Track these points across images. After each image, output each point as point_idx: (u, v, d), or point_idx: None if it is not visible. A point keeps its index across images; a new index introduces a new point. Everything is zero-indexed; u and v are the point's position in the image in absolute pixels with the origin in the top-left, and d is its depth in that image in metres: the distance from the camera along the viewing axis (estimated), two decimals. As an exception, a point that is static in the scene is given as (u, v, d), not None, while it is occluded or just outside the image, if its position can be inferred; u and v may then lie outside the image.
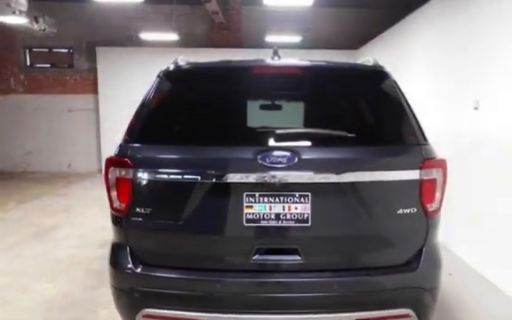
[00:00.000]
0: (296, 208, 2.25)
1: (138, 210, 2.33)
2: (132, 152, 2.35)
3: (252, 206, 2.25)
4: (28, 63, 11.46)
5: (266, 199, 2.25)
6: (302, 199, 2.25)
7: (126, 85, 10.08)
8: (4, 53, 11.16)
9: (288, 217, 2.25)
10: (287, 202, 2.25)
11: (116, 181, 2.34)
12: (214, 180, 2.25)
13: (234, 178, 2.23)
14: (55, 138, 11.37)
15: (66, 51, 11.43)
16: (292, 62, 2.83)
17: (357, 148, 2.41)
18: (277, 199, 2.25)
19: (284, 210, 2.25)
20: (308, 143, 2.43)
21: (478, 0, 4.60)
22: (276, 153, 2.24)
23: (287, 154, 2.23)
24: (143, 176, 2.32)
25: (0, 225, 6.36)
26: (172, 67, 2.68)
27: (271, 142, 2.37)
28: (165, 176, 2.32)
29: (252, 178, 2.21)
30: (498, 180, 4.09)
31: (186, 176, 2.30)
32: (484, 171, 4.39)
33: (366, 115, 2.74)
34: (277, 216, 2.25)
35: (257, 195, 2.25)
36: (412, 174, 2.31)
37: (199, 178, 2.27)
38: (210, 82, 2.69)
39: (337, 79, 2.74)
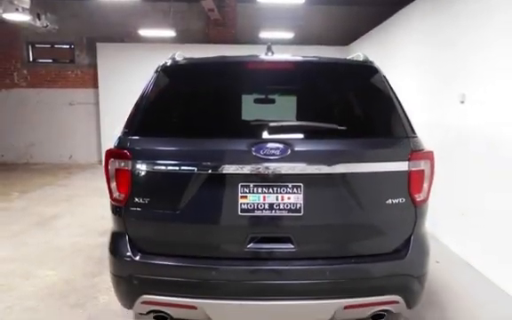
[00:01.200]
0: (289, 198, 2.29)
1: (136, 200, 2.37)
2: (131, 144, 2.38)
3: (246, 196, 2.29)
4: (31, 58, 11.56)
5: (260, 190, 2.29)
6: (295, 190, 2.29)
7: (125, 80, 10.12)
8: (7, 49, 11.26)
9: (281, 207, 2.30)
10: (280, 192, 2.30)
11: (116, 172, 2.38)
12: (210, 171, 2.29)
13: (229, 169, 2.27)
14: (57, 130, 11.48)
15: (67, 46, 11.51)
16: (285, 58, 2.87)
17: (348, 141, 2.45)
18: (271, 190, 2.29)
19: (277, 200, 2.30)
20: (300, 136, 2.47)
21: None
22: (269, 145, 2.28)
23: (280, 146, 2.28)
24: (142, 167, 2.36)
25: (4, 214, 6.46)
26: (169, 62, 2.72)
27: (265, 135, 2.41)
28: (163, 167, 2.36)
29: (246, 169, 2.26)
30: (489, 176, 4.11)
31: (183, 167, 2.33)
32: (471, 165, 4.43)
33: (357, 108, 2.79)
34: (271, 206, 2.29)
35: (251, 185, 2.29)
36: (401, 165, 2.36)
37: (196, 169, 2.30)
38: (206, 77, 2.74)
39: (328, 74, 2.79)
